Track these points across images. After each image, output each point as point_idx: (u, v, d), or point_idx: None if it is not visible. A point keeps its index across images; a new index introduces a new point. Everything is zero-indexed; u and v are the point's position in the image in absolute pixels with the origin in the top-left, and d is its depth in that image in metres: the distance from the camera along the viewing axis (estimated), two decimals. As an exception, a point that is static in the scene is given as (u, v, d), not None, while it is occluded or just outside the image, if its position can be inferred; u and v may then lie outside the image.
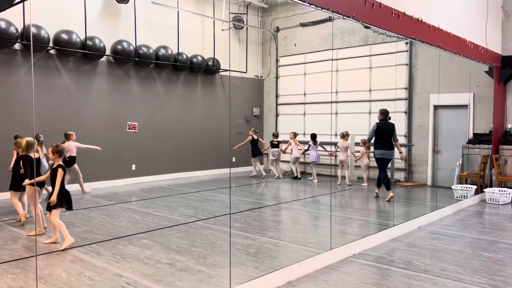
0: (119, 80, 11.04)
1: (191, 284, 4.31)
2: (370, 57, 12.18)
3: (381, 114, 8.84)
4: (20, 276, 4.54)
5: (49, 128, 9.36)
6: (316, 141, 12.05)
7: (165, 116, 12.07)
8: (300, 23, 13.66)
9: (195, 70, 12.66)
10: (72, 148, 9.09)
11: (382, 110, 8.91)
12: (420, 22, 6.67)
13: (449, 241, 6.02)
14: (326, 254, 5.00)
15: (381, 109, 8.95)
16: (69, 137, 9.13)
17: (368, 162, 10.99)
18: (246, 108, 14.53)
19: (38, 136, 8.12)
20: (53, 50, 9.69)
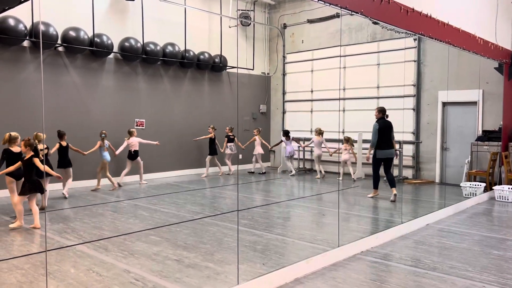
0: (126, 77, 11.08)
1: (198, 280, 4.32)
2: (378, 54, 12.10)
3: (380, 112, 8.68)
4: (29, 272, 4.58)
5: (57, 124, 9.38)
6: (289, 137, 12.61)
7: (173, 113, 12.10)
8: (307, 19, 13.60)
9: (202, 67, 12.66)
10: (135, 143, 10.32)
11: (380, 108, 8.78)
12: (429, 18, 6.61)
13: (457, 239, 5.98)
14: (334, 251, 4.99)
15: (379, 107, 8.85)
16: (132, 133, 10.33)
17: (348, 158, 11.56)
18: (253, 105, 14.52)
19: (102, 132, 9.51)
20: (61, 47, 9.74)
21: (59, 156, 8.65)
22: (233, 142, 12.37)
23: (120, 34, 10.74)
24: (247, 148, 12.97)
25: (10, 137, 6.74)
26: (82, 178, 10.01)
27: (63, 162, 8.66)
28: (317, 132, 11.93)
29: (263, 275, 4.22)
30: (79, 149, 9.08)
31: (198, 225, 6.61)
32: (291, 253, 5.34)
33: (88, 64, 10.32)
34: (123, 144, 10.32)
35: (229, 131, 12.32)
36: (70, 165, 8.76)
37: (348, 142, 11.42)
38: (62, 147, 8.63)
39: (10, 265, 4.77)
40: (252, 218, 7.02)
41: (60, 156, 8.65)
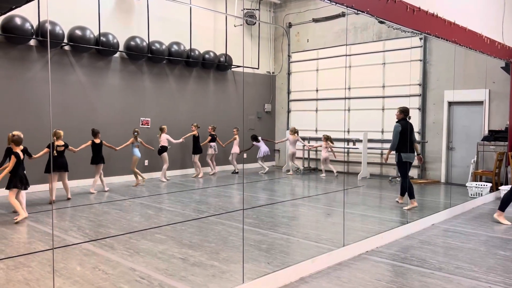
0: (132, 76, 11.12)
1: (203, 279, 4.33)
2: (383, 53, 12.06)
3: (402, 113, 7.85)
4: (36, 269, 4.61)
5: (63, 123, 9.46)
6: (259, 139, 12.84)
7: (178, 112, 12.13)
8: (312, 18, 13.58)
9: (207, 66, 12.68)
10: (164, 139, 10.79)
11: (403, 108, 7.92)
12: (435, 17, 6.58)
13: (463, 239, 5.95)
14: (339, 251, 4.98)
15: (401, 107, 7.96)
16: (163, 130, 10.88)
17: (328, 156, 12.13)
18: (258, 104, 14.52)
19: (134, 130, 10.14)
20: (67, 46, 9.79)
21: (92, 153, 9.15)
22: (215, 142, 12.18)
23: (126, 33, 10.78)
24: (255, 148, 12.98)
25: (13, 138, 6.89)
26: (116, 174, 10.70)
27: (96, 159, 9.15)
28: (292, 131, 12.45)
29: (268, 274, 4.22)
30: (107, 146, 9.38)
31: (203, 223, 6.63)
32: (296, 253, 5.34)
33: (94, 63, 10.36)
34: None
35: (211, 130, 12.09)
36: (103, 161, 9.24)
37: (327, 140, 12.00)
38: (96, 144, 9.13)
39: (17, 263, 4.80)
40: (257, 217, 7.02)
41: (94, 152, 9.15)
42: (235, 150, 12.53)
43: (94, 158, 9.17)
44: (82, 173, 9.95)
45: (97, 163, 9.18)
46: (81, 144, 9.00)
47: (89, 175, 9.68)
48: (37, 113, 9.27)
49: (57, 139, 8.09)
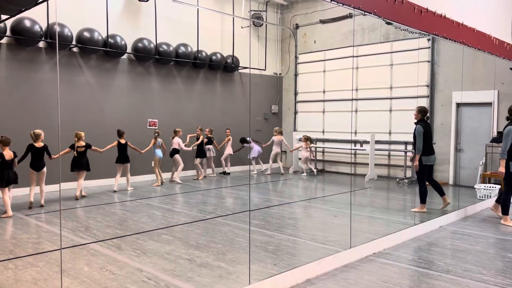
0: (140, 78, 11.18)
1: (210, 280, 4.34)
2: (391, 54, 12.02)
3: (420, 113, 7.54)
4: (44, 269, 4.64)
5: (72, 124, 9.55)
6: (248, 141, 12.83)
7: (185, 113, 12.17)
8: (319, 20, 13.57)
9: (214, 67, 12.71)
10: (176, 143, 10.85)
11: (421, 108, 7.62)
12: (443, 17, 6.54)
13: (471, 241, 5.90)
14: (346, 253, 4.97)
15: (420, 107, 7.64)
16: (176, 133, 10.88)
17: (308, 156, 12.53)
18: (265, 106, 14.53)
19: (156, 131, 10.44)
20: (76, 48, 9.87)
21: (118, 153, 9.55)
22: (212, 144, 12.07)
23: (134, 35, 10.84)
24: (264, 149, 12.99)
25: (34, 134, 7.79)
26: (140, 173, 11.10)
27: (122, 158, 9.58)
28: (277, 132, 12.76)
29: (275, 276, 4.22)
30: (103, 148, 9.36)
31: (209, 224, 6.64)
32: (302, 254, 5.33)
33: (102, 64, 10.44)
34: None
35: (208, 132, 11.95)
36: (128, 161, 9.66)
37: (307, 141, 12.47)
38: (121, 144, 9.56)
39: (25, 263, 4.85)
40: (263, 219, 7.02)
41: (119, 152, 9.56)
42: (228, 151, 12.47)
43: (119, 158, 9.58)
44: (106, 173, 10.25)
45: (122, 162, 9.58)
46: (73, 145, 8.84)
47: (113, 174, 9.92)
48: (46, 114, 9.35)
49: (78, 140, 8.57)
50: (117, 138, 9.61)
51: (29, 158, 7.82)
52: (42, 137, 7.84)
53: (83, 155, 8.69)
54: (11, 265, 4.78)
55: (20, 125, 8.97)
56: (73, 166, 8.64)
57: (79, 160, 8.61)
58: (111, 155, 9.72)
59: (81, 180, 8.74)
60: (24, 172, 8.53)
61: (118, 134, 9.61)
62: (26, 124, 9.06)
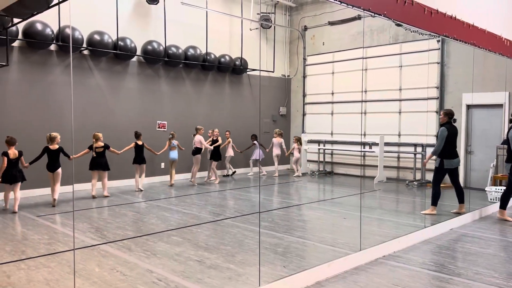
0: (149, 80, 11.25)
1: (220, 282, 4.35)
2: (400, 56, 11.96)
3: (446, 116, 7.36)
4: (55, 270, 4.69)
5: (82, 125, 9.66)
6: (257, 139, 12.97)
7: (194, 115, 12.22)
8: (328, 21, 13.55)
9: (223, 69, 12.76)
10: (198, 141, 10.74)
11: (448, 110, 7.46)
12: (453, 19, 6.51)
13: (482, 244, 5.85)
14: (356, 255, 4.95)
15: (446, 110, 7.50)
16: (198, 131, 10.82)
17: (299, 156, 12.74)
18: (273, 108, 14.53)
19: (171, 133, 10.73)
20: (86, 50, 9.97)
21: (135, 154, 9.82)
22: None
23: (143, 38, 10.92)
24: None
25: (50, 137, 8.13)
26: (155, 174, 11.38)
27: (139, 159, 9.84)
28: (277, 134, 12.84)
29: (284, 278, 4.22)
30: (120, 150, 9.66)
31: (218, 226, 6.66)
32: (312, 256, 5.33)
33: (112, 67, 10.53)
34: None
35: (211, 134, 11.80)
36: (144, 162, 9.96)
37: (298, 142, 12.66)
38: (138, 145, 9.85)
39: (38, 263, 4.90)
40: (272, 221, 7.02)
41: (136, 153, 9.83)
42: (230, 153, 12.38)
43: (136, 159, 9.84)
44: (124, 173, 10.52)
45: (139, 163, 9.85)
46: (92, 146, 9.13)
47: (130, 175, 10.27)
48: (57, 115, 9.46)
49: (96, 141, 8.93)
50: (134, 140, 9.85)
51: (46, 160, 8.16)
52: (58, 140, 8.19)
53: (102, 156, 9.02)
54: (24, 265, 4.84)
55: (32, 126, 9.10)
56: (92, 166, 8.99)
57: (98, 160, 8.96)
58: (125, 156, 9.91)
59: (105, 179, 9.12)
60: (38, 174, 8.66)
61: (135, 136, 9.89)
62: (38, 126, 9.20)
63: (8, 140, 7.66)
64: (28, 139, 8.81)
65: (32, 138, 8.93)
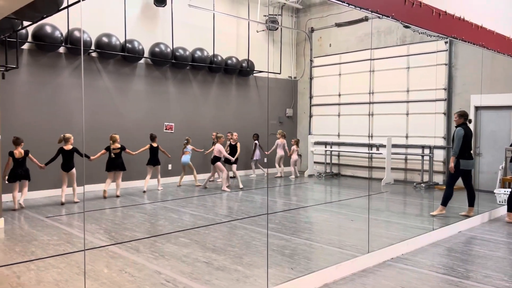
0: (156, 82, 11.31)
1: (228, 283, 4.36)
2: (407, 57, 11.92)
3: (461, 117, 7.35)
4: (65, 271, 4.73)
5: (91, 126, 9.74)
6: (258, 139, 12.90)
7: (201, 117, 12.26)
8: (335, 23, 13.54)
9: (230, 71, 12.79)
10: (217, 150, 10.43)
11: (462, 112, 7.43)
12: (462, 20, 6.48)
13: (492, 247, 5.81)
14: (363, 257, 4.94)
15: (461, 111, 7.46)
16: (218, 139, 10.54)
17: (297, 158, 12.90)
18: (280, 109, 14.54)
19: (186, 139, 10.86)
20: (94, 53, 10.04)
21: (150, 155, 10.06)
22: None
23: (151, 40, 10.99)
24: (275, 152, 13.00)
25: (64, 137, 8.42)
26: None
27: (153, 161, 10.10)
28: (281, 135, 12.81)
29: (292, 280, 4.22)
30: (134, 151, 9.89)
31: (226, 228, 6.67)
32: (319, 258, 5.32)
33: (120, 69, 10.60)
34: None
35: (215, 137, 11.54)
36: (159, 163, 10.20)
37: (296, 144, 12.82)
38: (153, 147, 10.08)
39: (47, 264, 4.94)
40: (279, 222, 7.02)
41: (151, 155, 10.08)
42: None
43: (151, 160, 10.08)
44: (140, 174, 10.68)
45: (153, 164, 10.11)
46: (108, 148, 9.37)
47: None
48: (66, 117, 9.55)
49: (113, 142, 9.20)
50: (141, 141, 10.01)
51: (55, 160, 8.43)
52: (71, 141, 8.49)
53: (119, 157, 9.28)
54: (33, 266, 4.88)
55: (41, 128, 9.18)
56: (109, 167, 9.26)
57: (115, 161, 9.22)
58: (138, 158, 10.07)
59: (119, 180, 9.39)
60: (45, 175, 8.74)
61: (150, 138, 10.11)
62: (47, 127, 9.28)
63: (14, 140, 7.93)
64: (37, 140, 8.90)
65: (41, 139, 9.01)
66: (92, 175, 9.79)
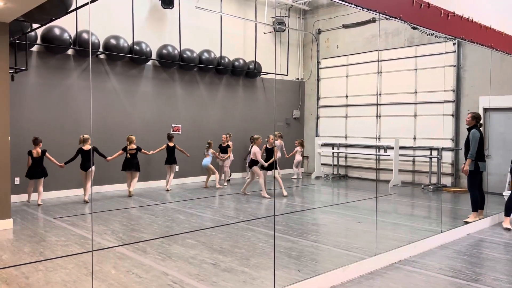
0: (164, 84, 11.36)
1: (235, 285, 4.36)
2: (415, 59, 11.86)
3: (474, 119, 7.19)
4: (73, 271, 4.76)
5: (98, 127, 9.80)
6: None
7: (208, 119, 12.29)
8: (342, 24, 13.51)
9: (237, 73, 12.80)
10: (253, 152, 9.77)
11: (475, 114, 7.27)
12: (470, 21, 6.44)
13: (501, 249, 5.75)
14: (371, 260, 4.91)
15: (474, 113, 7.29)
16: (255, 141, 10.15)
17: (301, 160, 12.87)
18: (287, 111, 14.53)
19: (208, 142, 10.94)
20: (102, 55, 10.11)
21: (167, 155, 10.37)
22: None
23: (158, 42, 11.04)
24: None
25: (83, 138, 8.76)
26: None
27: (170, 160, 10.40)
28: (277, 136, 12.48)
29: (299, 282, 4.21)
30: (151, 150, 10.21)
31: (232, 229, 6.67)
32: (326, 260, 5.30)
33: (128, 71, 10.66)
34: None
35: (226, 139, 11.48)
36: (176, 162, 10.50)
37: (301, 145, 12.81)
38: (169, 147, 10.41)
39: (55, 264, 4.98)
40: (286, 224, 7.01)
41: (168, 155, 10.37)
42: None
43: (168, 159, 10.38)
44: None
45: (170, 164, 10.40)
46: (117, 149, 9.63)
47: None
48: (75, 118, 9.63)
49: (130, 143, 9.50)
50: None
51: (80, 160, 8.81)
52: (89, 141, 8.83)
53: (135, 157, 9.57)
54: (41, 266, 4.92)
55: (49, 129, 9.26)
56: (125, 167, 9.58)
57: (131, 161, 9.53)
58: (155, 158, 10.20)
59: (135, 179, 9.69)
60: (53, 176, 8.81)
61: (168, 138, 10.44)
62: (56, 128, 9.37)
63: (33, 140, 8.40)
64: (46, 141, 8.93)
65: (50, 140, 9.08)
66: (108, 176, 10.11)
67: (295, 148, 12.86)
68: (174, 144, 10.42)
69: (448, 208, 8.52)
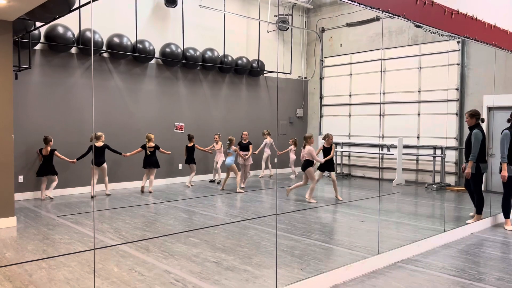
0: (167, 82, 11.36)
1: (237, 283, 4.36)
2: (419, 57, 11.81)
3: (473, 117, 6.99)
4: (76, 269, 4.77)
5: (102, 126, 9.80)
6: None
7: (211, 117, 12.29)
8: (346, 23, 13.48)
9: (240, 72, 12.80)
10: (307, 152, 9.01)
11: (474, 111, 7.03)
12: (474, 20, 6.40)
13: (504, 249, 5.73)
14: (374, 259, 4.90)
15: (472, 111, 7.05)
16: (307, 140, 9.13)
17: (295, 158, 12.55)
18: (290, 110, 14.51)
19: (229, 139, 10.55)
20: (106, 53, 10.12)
21: (186, 154, 10.83)
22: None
23: (162, 40, 11.04)
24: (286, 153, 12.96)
25: (96, 135, 9.04)
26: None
27: (189, 159, 10.80)
28: (266, 133, 12.71)
29: (302, 280, 4.20)
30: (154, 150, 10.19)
31: (235, 228, 6.67)
32: (329, 259, 5.29)
33: (131, 69, 10.67)
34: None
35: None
36: (194, 162, 10.88)
37: (294, 144, 12.65)
38: (189, 147, 10.83)
39: (58, 262, 4.99)
40: (289, 223, 7.01)
41: (187, 154, 10.83)
42: (219, 157, 11.38)
43: (187, 159, 10.81)
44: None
45: (190, 163, 10.80)
46: (120, 147, 9.74)
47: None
48: (78, 117, 9.65)
49: (148, 141, 9.80)
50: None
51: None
52: (102, 138, 9.14)
53: (153, 155, 9.88)
54: (45, 264, 4.93)
55: (53, 127, 9.28)
56: (145, 164, 9.90)
57: (150, 159, 9.84)
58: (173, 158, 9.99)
59: (153, 176, 9.97)
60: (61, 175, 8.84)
61: (188, 138, 10.84)
62: (59, 126, 9.38)
63: (43, 138, 8.79)
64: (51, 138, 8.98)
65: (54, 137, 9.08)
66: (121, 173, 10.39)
67: (289, 146, 12.80)
68: (193, 144, 10.82)
69: (451, 207, 8.49)
